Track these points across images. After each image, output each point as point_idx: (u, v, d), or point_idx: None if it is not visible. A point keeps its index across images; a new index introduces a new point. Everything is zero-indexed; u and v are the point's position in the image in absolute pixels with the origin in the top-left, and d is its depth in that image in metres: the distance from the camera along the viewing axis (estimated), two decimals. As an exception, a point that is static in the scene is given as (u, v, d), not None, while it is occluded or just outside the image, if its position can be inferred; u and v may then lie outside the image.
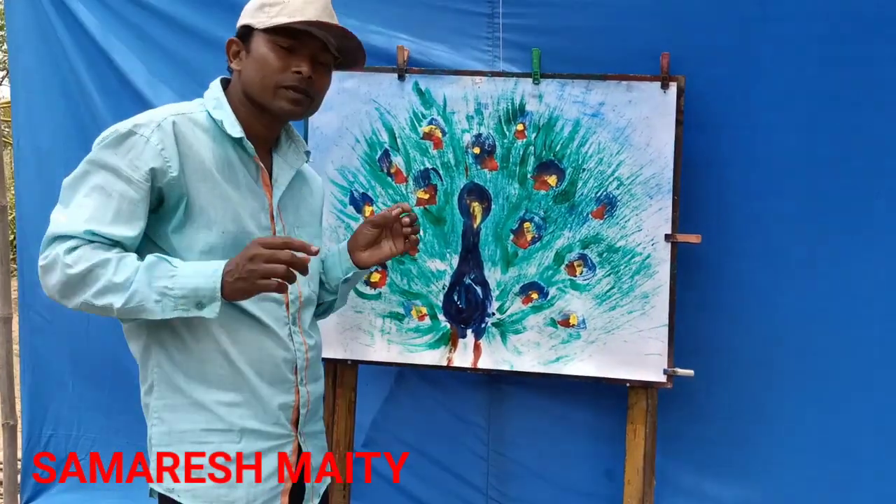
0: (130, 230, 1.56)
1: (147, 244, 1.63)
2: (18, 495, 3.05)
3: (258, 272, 1.49)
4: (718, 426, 2.50)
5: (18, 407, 3.14)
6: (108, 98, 2.81)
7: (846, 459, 2.43)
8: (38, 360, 3.01)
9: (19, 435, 3.13)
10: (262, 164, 1.74)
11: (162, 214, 1.62)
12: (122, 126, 1.59)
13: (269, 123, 1.75)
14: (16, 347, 3.12)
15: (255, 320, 1.68)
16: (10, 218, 3.87)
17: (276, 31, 1.67)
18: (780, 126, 2.39)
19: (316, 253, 1.52)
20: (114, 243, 1.55)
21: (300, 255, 1.51)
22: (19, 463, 3.12)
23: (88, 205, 1.55)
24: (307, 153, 1.87)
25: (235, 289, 1.52)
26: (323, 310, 2.00)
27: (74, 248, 1.52)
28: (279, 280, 1.50)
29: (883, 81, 2.33)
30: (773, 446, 2.48)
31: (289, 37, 1.68)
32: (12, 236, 5.54)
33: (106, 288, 1.51)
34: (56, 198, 2.85)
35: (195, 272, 1.53)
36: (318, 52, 1.72)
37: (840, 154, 2.37)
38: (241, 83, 1.71)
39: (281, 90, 1.68)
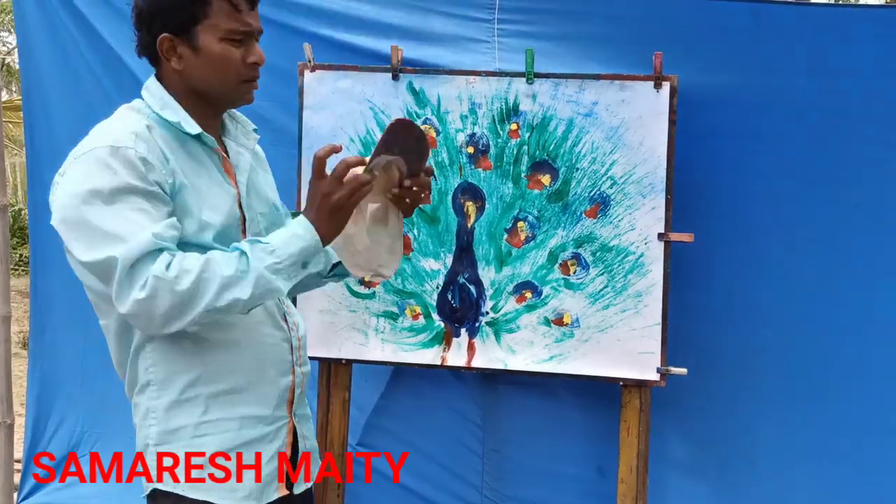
0: (175, 230, 1.54)
1: None
2: (15, 494, 3.07)
3: (343, 198, 1.55)
4: (712, 424, 2.52)
5: (16, 407, 3.15)
6: (125, 96, 2.80)
7: (835, 458, 2.46)
8: (46, 357, 3.02)
9: (16, 434, 3.14)
10: (223, 154, 1.70)
11: None
12: (100, 144, 1.54)
13: (217, 114, 1.71)
14: (15, 349, 3.13)
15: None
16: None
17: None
18: (772, 128, 2.42)
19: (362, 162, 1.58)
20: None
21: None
22: (16, 463, 3.13)
23: (138, 220, 1.50)
24: (255, 130, 1.82)
25: (331, 228, 1.57)
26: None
27: (168, 264, 1.47)
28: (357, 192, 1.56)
29: (871, 91, 2.37)
30: (765, 445, 2.50)
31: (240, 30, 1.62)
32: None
33: (224, 286, 1.49)
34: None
35: (289, 237, 1.55)
36: (258, 30, 1.67)
37: (823, 163, 2.42)
38: (187, 81, 1.63)
39: (243, 84, 1.65)
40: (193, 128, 1.63)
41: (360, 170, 1.58)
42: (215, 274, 1.49)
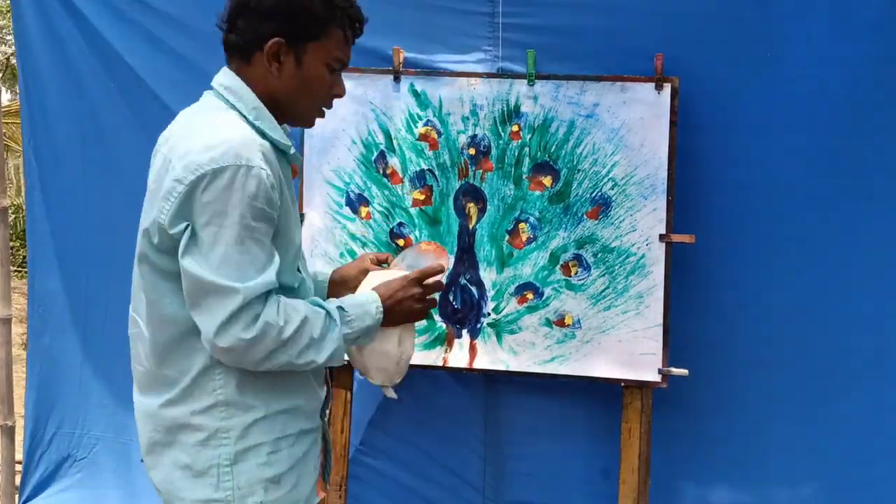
0: (278, 256, 1.55)
1: None
2: (16, 496, 3.06)
3: (423, 310, 1.71)
4: (713, 425, 2.51)
5: (16, 408, 3.15)
6: (128, 97, 2.82)
7: (839, 458, 2.45)
8: (45, 359, 3.02)
9: (17, 436, 3.14)
10: (296, 168, 1.69)
11: None
12: (234, 160, 1.47)
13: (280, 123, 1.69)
14: (15, 350, 3.13)
15: None
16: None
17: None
18: (775, 126, 2.40)
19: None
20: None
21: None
22: (17, 465, 3.13)
23: (259, 256, 1.50)
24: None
25: (395, 323, 1.69)
26: None
27: (277, 307, 1.51)
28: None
29: (877, 81, 2.34)
30: (767, 445, 2.49)
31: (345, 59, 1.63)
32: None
33: (308, 345, 1.55)
34: (71, 197, 2.89)
35: (363, 313, 1.63)
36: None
37: (834, 154, 2.39)
38: (272, 89, 1.59)
39: (318, 111, 1.66)
40: (291, 146, 1.62)
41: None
42: (307, 332, 1.54)
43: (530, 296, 2.44)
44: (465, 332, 2.47)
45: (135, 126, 2.82)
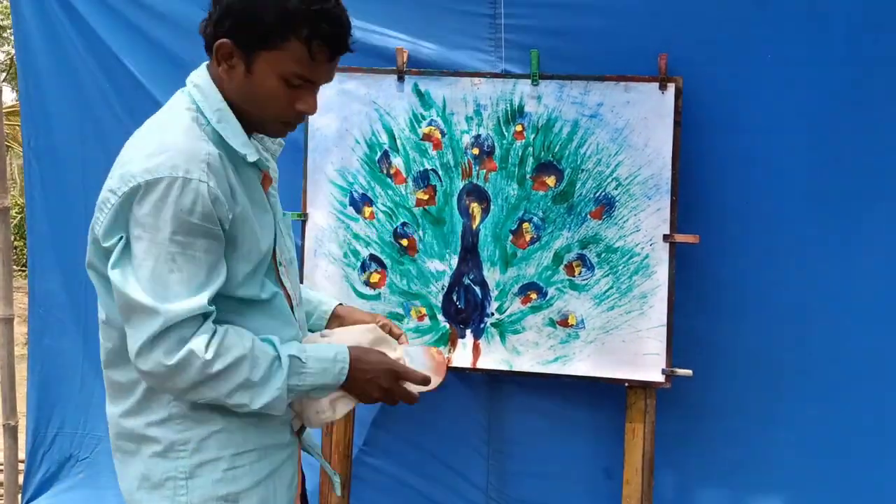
0: (223, 276, 1.46)
1: None
2: (19, 496, 3.06)
3: (377, 400, 1.62)
4: (717, 426, 2.51)
5: (19, 408, 3.15)
6: (124, 98, 2.82)
7: (845, 458, 2.44)
8: (45, 359, 3.02)
9: (20, 435, 3.14)
10: (268, 174, 1.60)
11: None
12: (169, 172, 1.40)
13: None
14: (17, 349, 3.12)
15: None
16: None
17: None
18: (779, 126, 2.40)
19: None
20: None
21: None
22: (21, 464, 3.13)
23: (193, 275, 1.42)
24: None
25: (357, 393, 1.60)
26: None
27: (208, 340, 1.42)
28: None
29: (882, 81, 2.34)
30: (772, 445, 2.49)
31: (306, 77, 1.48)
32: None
33: (242, 386, 1.46)
34: (71, 197, 2.89)
35: (323, 370, 1.53)
36: (325, 82, 1.52)
37: (838, 154, 2.39)
38: (226, 90, 1.50)
39: (280, 124, 1.53)
40: (252, 154, 1.51)
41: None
42: (242, 372, 1.45)
43: (534, 296, 2.44)
44: (468, 332, 2.47)
45: (134, 127, 2.80)
